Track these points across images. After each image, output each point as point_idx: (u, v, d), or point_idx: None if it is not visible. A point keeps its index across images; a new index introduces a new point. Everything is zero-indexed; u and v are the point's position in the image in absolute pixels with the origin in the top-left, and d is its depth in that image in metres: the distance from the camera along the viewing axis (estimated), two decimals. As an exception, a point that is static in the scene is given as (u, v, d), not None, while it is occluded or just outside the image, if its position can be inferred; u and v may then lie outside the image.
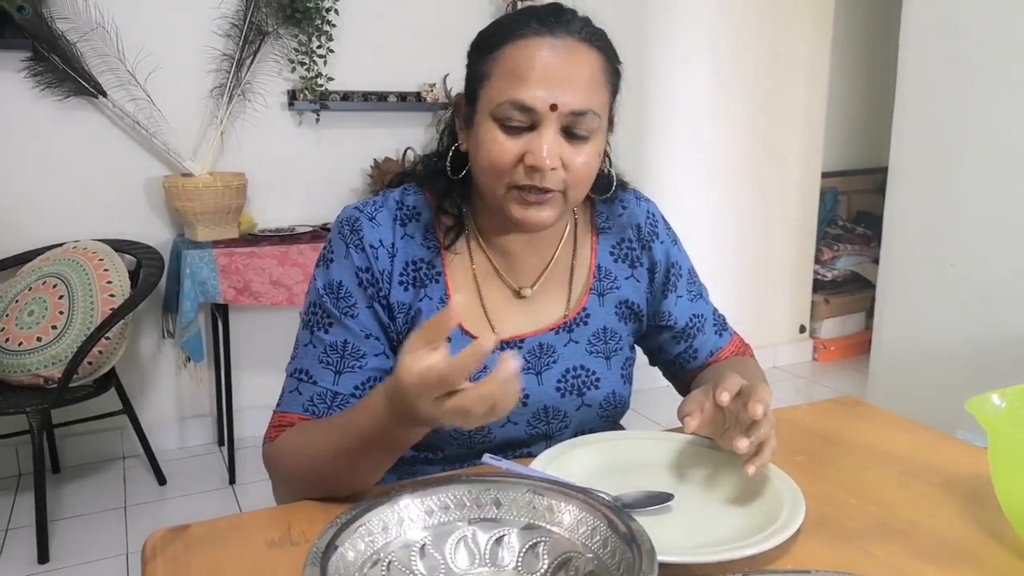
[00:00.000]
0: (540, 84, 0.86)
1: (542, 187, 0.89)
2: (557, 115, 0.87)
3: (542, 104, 0.86)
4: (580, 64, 0.89)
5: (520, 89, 0.87)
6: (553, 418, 1.01)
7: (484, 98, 0.91)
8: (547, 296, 1.03)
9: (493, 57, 0.90)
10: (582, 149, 0.90)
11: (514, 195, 0.90)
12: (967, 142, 2.12)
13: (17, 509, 2.47)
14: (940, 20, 2.16)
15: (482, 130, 0.90)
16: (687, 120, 3.42)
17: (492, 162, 0.89)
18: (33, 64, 2.51)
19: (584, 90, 0.88)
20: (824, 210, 4.04)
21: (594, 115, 0.89)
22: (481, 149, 0.90)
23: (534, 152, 0.87)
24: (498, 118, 0.89)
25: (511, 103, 0.87)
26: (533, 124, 0.88)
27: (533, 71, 0.87)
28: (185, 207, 2.57)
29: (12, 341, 2.29)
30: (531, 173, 0.88)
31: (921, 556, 0.75)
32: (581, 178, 0.91)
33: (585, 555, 0.66)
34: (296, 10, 2.73)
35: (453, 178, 0.99)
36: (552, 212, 0.92)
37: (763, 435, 0.82)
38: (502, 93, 0.88)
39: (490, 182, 0.91)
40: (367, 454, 0.82)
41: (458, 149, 0.98)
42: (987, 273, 2.10)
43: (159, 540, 0.78)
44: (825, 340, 4.00)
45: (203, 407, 2.95)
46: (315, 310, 0.96)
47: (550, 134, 0.87)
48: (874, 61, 4.21)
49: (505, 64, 0.89)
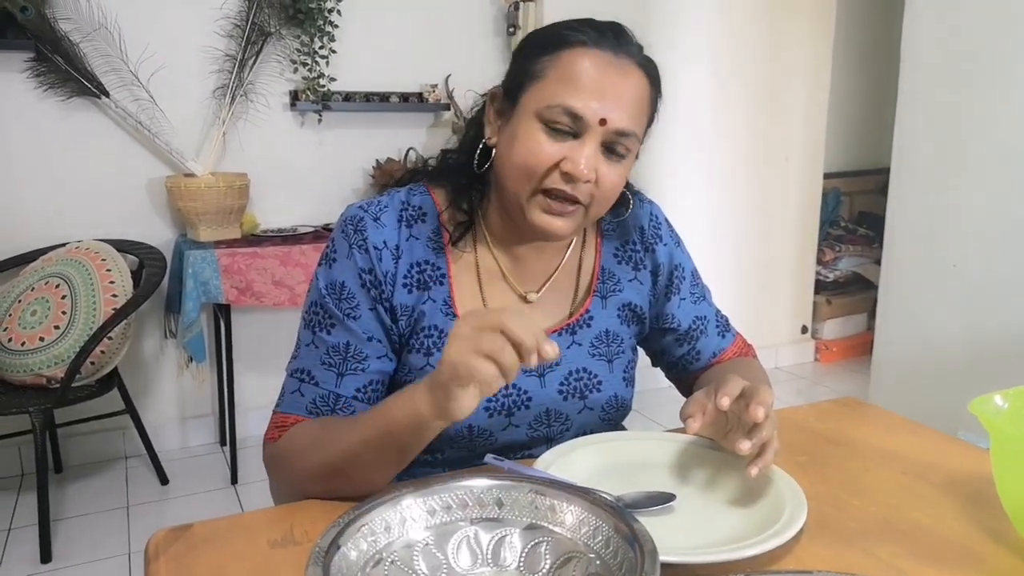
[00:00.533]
0: (594, 96, 0.87)
1: (571, 196, 0.89)
2: (603, 130, 0.88)
3: (592, 116, 0.87)
4: (633, 86, 0.90)
5: (574, 96, 0.87)
6: (555, 421, 1.01)
7: (532, 97, 0.90)
8: (551, 300, 1.03)
9: (550, 58, 0.90)
10: (615, 168, 0.91)
11: (539, 200, 0.90)
12: (969, 142, 2.12)
13: (20, 509, 2.47)
14: (942, 21, 2.16)
15: (522, 127, 0.90)
16: (689, 121, 3.42)
17: (528, 161, 0.89)
18: (36, 65, 2.52)
19: (632, 111, 0.90)
20: (826, 211, 4.04)
21: (635, 138, 0.91)
22: (518, 146, 0.90)
23: (573, 160, 0.88)
24: (545, 119, 0.89)
25: (563, 108, 0.87)
26: (577, 133, 0.88)
27: (590, 82, 0.88)
28: (187, 207, 2.58)
29: (15, 341, 2.29)
30: (565, 180, 0.88)
31: (923, 557, 0.75)
32: (607, 195, 0.92)
33: (587, 555, 0.66)
34: (298, 11, 2.73)
35: (475, 172, 0.98)
36: (572, 225, 0.92)
37: (765, 437, 0.82)
38: (555, 96, 0.88)
39: (519, 181, 0.91)
40: (387, 449, 0.82)
41: (485, 144, 0.97)
42: (989, 273, 2.10)
43: (162, 540, 0.78)
44: (827, 341, 4.00)
45: (205, 407, 2.96)
46: (317, 310, 0.96)
47: (591, 146, 0.88)
48: (876, 62, 4.21)
49: (562, 68, 0.89)
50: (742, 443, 0.82)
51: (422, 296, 0.97)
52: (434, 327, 0.96)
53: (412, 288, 0.97)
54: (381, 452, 0.83)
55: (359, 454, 0.83)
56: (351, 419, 0.89)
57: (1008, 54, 2.01)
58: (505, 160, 0.93)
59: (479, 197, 1.00)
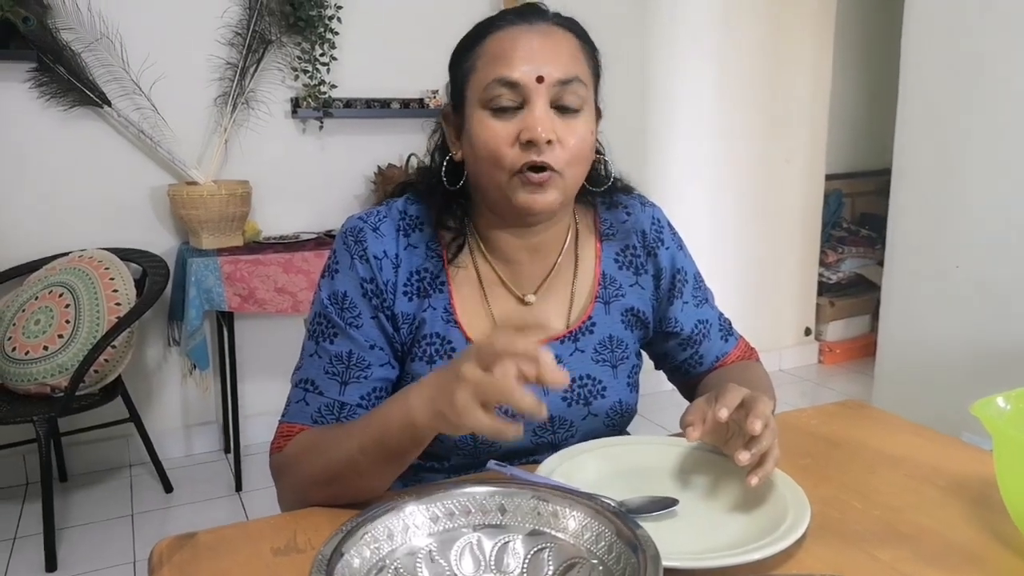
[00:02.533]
0: (523, 60, 0.89)
1: (541, 162, 0.88)
2: (545, 87, 0.88)
3: (528, 78, 0.88)
4: (559, 40, 0.92)
5: (505, 67, 0.89)
6: (559, 427, 1.01)
7: (472, 91, 0.92)
8: (550, 304, 1.03)
9: (475, 51, 0.93)
10: (574, 124, 0.91)
11: (517, 181, 0.90)
12: (970, 143, 2.12)
13: (25, 517, 2.47)
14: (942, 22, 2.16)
15: (474, 123, 0.91)
16: (690, 124, 3.43)
17: (489, 148, 0.89)
18: (38, 74, 2.53)
19: (567, 61, 0.90)
20: (828, 212, 4.03)
21: (580, 83, 0.91)
22: (477, 142, 0.91)
23: (528, 126, 0.88)
24: (488, 103, 0.90)
25: (498, 81, 0.89)
26: (523, 102, 0.89)
27: (516, 51, 0.89)
28: (190, 215, 2.58)
29: (19, 350, 2.30)
30: (528, 149, 0.88)
31: (927, 560, 0.75)
32: (576, 154, 0.91)
33: (590, 561, 0.66)
34: (299, 18, 2.74)
35: (451, 189, 0.98)
36: (555, 195, 0.91)
37: (764, 447, 0.82)
38: (488, 75, 0.90)
39: (491, 172, 0.91)
40: (384, 456, 0.82)
41: (452, 160, 0.98)
42: (992, 274, 2.09)
43: (166, 548, 0.79)
44: (830, 343, 3.99)
45: (209, 414, 2.96)
46: (320, 320, 0.96)
47: (540, 106, 0.88)
48: (877, 63, 4.21)
49: (488, 52, 0.91)
50: (741, 454, 0.82)
51: (422, 304, 0.97)
52: (435, 335, 0.97)
53: (412, 296, 0.97)
54: (378, 458, 0.83)
55: (357, 461, 0.84)
56: (349, 426, 0.90)
57: (1008, 55, 2.01)
58: (473, 160, 0.94)
59: (464, 211, 1.01)
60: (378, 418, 0.83)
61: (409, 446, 0.82)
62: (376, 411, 0.85)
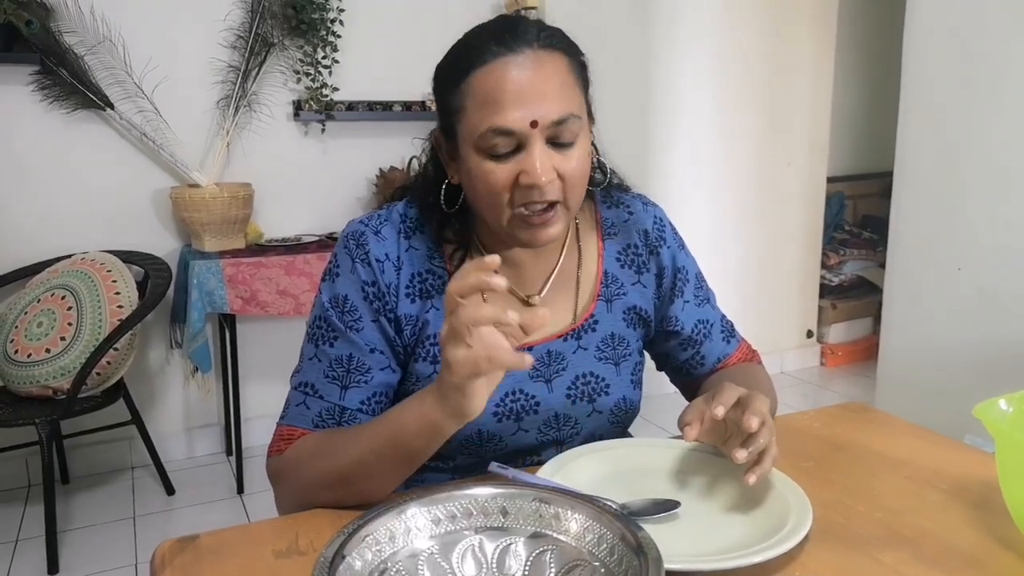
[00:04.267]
0: (515, 105, 0.85)
1: (543, 201, 0.88)
2: (539, 130, 0.86)
3: (522, 124, 0.86)
4: (547, 73, 0.87)
5: (497, 116, 0.86)
6: (564, 425, 1.01)
7: (464, 131, 0.90)
8: (554, 303, 1.03)
9: (461, 89, 0.89)
10: (571, 155, 0.89)
11: (519, 219, 0.90)
12: (972, 145, 2.12)
13: (27, 520, 2.48)
14: (944, 24, 2.16)
15: (471, 163, 0.90)
16: (692, 126, 3.43)
17: (488, 192, 0.89)
18: (41, 77, 2.53)
19: (559, 98, 0.87)
20: (830, 215, 4.03)
21: (575, 119, 0.89)
22: (476, 183, 0.90)
23: (528, 171, 0.86)
24: (483, 148, 0.88)
25: (492, 131, 0.86)
26: (519, 145, 0.87)
27: (505, 94, 0.86)
28: (192, 218, 2.59)
29: (21, 353, 2.30)
30: (529, 192, 0.88)
31: (929, 563, 0.75)
32: (576, 182, 0.91)
33: (592, 563, 0.66)
34: (301, 21, 2.74)
35: (449, 211, 0.98)
36: (559, 225, 0.91)
37: (761, 445, 0.82)
38: (481, 123, 0.87)
39: (492, 212, 0.91)
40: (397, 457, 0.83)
41: (450, 183, 0.98)
42: (994, 276, 2.09)
43: (168, 550, 0.79)
44: (832, 345, 3.99)
45: (211, 417, 2.96)
46: (320, 324, 0.96)
47: (538, 150, 0.87)
48: (878, 65, 4.21)
49: (476, 94, 0.88)
50: (738, 452, 0.82)
51: (425, 305, 0.97)
52: (439, 335, 0.97)
53: (415, 298, 0.97)
54: (391, 460, 0.84)
55: (368, 463, 0.84)
56: (358, 428, 0.90)
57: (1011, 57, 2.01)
58: (472, 196, 0.94)
59: (464, 221, 1.00)
60: (393, 420, 0.84)
61: (426, 446, 0.82)
62: (389, 414, 0.86)
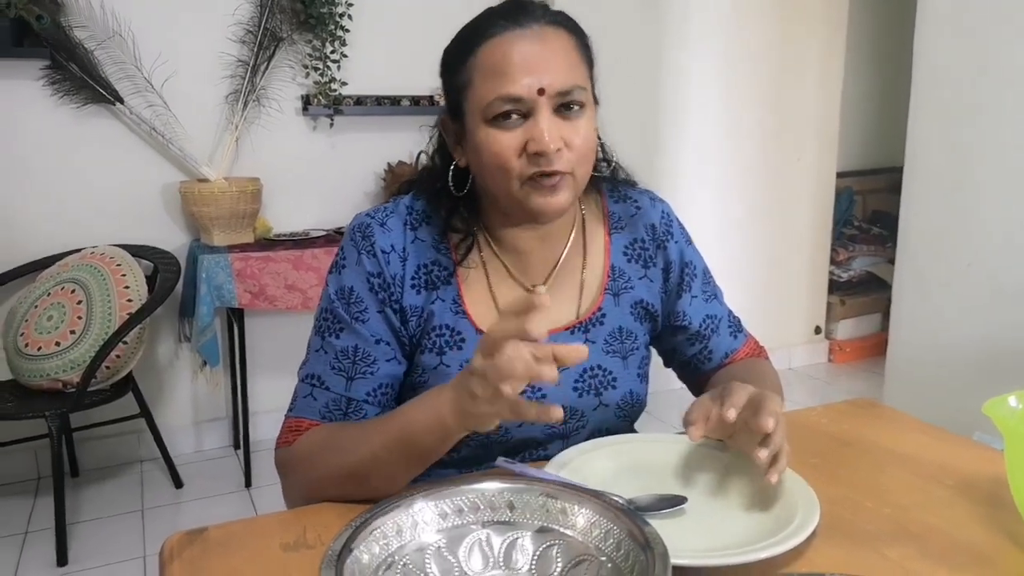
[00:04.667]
0: (523, 73, 0.88)
1: (552, 171, 0.89)
2: (547, 98, 0.88)
3: (529, 91, 0.87)
4: (554, 45, 0.90)
5: (505, 83, 0.88)
6: (570, 418, 1.01)
7: (472, 105, 0.91)
8: (559, 294, 1.03)
9: (469, 63, 0.91)
10: (578, 125, 0.91)
11: (528, 188, 0.91)
12: (983, 140, 2.10)
13: (36, 512, 2.49)
14: (955, 18, 2.15)
15: (479, 136, 0.91)
16: (701, 122, 3.42)
17: (498, 161, 0.90)
18: (51, 72, 2.54)
19: (565, 68, 0.90)
20: (839, 210, 4.01)
21: (580, 89, 0.90)
22: (483, 154, 0.91)
23: (536, 138, 0.88)
24: (491, 118, 0.89)
25: (500, 98, 0.88)
26: (527, 113, 0.89)
27: (513, 63, 0.88)
28: (201, 212, 2.59)
29: (31, 346, 2.31)
30: (537, 160, 0.89)
31: (937, 559, 0.75)
32: (584, 154, 0.92)
33: (599, 558, 0.66)
34: (310, 16, 2.74)
35: (457, 195, 0.99)
36: (567, 195, 0.92)
37: (779, 445, 0.82)
38: (489, 92, 0.89)
39: (501, 183, 0.92)
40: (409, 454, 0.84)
41: (457, 166, 0.99)
42: (1004, 272, 2.08)
43: (176, 543, 0.79)
44: (841, 341, 3.97)
45: (219, 411, 2.97)
46: (326, 316, 0.97)
47: (545, 117, 0.88)
48: (888, 59, 4.19)
49: (483, 65, 0.90)
50: (760, 452, 0.81)
51: (431, 296, 0.98)
52: (445, 326, 0.98)
53: (420, 289, 0.98)
54: (403, 457, 0.84)
55: (380, 458, 0.85)
56: (370, 423, 0.91)
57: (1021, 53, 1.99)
58: (481, 171, 0.94)
59: (470, 209, 1.01)
60: (404, 417, 0.85)
61: (437, 445, 0.83)
62: (401, 411, 0.86)
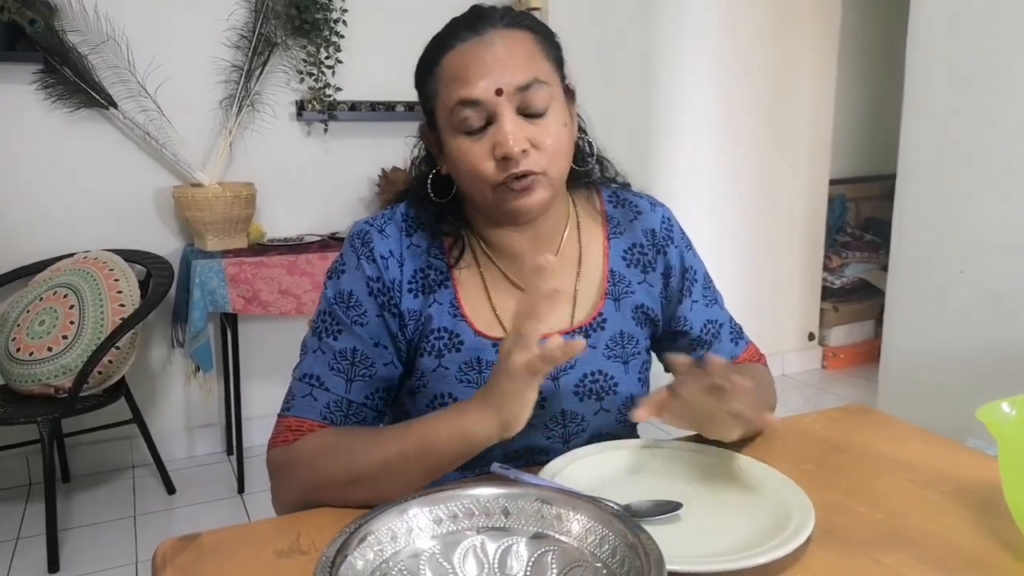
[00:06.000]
0: (479, 76, 0.89)
1: (521, 172, 0.90)
2: (506, 98, 0.89)
3: (486, 93, 0.89)
4: (511, 46, 0.91)
5: (463, 88, 0.89)
6: (570, 422, 1.01)
7: (440, 115, 0.94)
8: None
9: (434, 74, 0.94)
10: (545, 124, 0.91)
11: (501, 192, 0.92)
12: (976, 148, 2.11)
13: (27, 518, 2.48)
14: (948, 26, 2.16)
15: (451, 146, 0.93)
16: (694, 128, 3.43)
17: (468, 169, 0.92)
18: (45, 76, 2.54)
19: (522, 66, 0.90)
20: (832, 217, 4.03)
21: (540, 83, 0.91)
22: (458, 163, 0.93)
23: (500, 142, 0.89)
24: (456, 125, 0.91)
25: (460, 103, 0.90)
26: (490, 118, 0.90)
27: (470, 69, 0.90)
28: (194, 217, 2.59)
29: (23, 351, 2.30)
30: (506, 164, 0.90)
31: (931, 565, 0.75)
32: (555, 153, 0.92)
33: (594, 564, 0.66)
34: (304, 21, 2.75)
35: (440, 201, 1.01)
36: (543, 193, 0.93)
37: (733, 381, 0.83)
38: (450, 99, 0.91)
39: (476, 189, 0.93)
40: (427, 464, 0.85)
41: (438, 174, 1.00)
42: (997, 279, 2.09)
43: (169, 549, 0.79)
44: (834, 348, 3.98)
45: (212, 416, 2.96)
46: (325, 318, 0.97)
47: (508, 120, 0.89)
48: (881, 66, 4.21)
49: (446, 75, 0.92)
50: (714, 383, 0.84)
51: (428, 300, 0.98)
52: (443, 329, 0.98)
53: (418, 293, 0.98)
54: (419, 465, 0.85)
55: (394, 466, 0.85)
56: (385, 431, 0.91)
57: (1015, 60, 2.01)
58: (459, 179, 0.96)
59: (459, 213, 1.02)
60: (424, 426, 0.86)
61: (457, 456, 0.84)
62: (420, 422, 0.87)
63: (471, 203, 1.00)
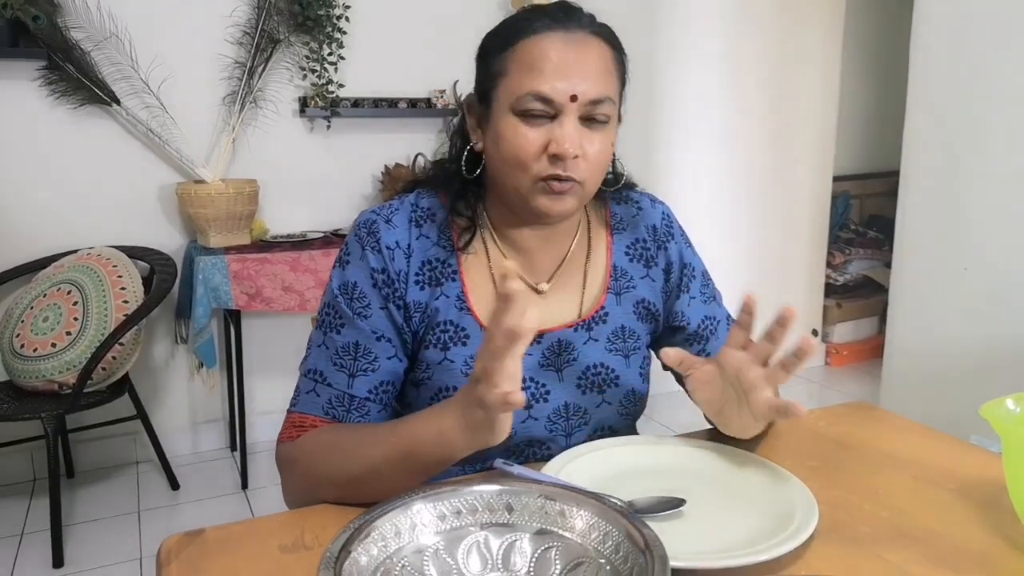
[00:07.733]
0: (558, 76, 0.89)
1: (566, 176, 0.91)
2: (576, 105, 0.90)
3: (562, 95, 0.89)
4: (593, 55, 0.92)
5: (540, 81, 0.89)
6: (573, 415, 1.02)
7: (502, 94, 0.93)
8: (562, 292, 1.04)
9: (508, 54, 0.93)
10: (598, 136, 0.92)
11: (540, 187, 0.92)
12: (979, 144, 2.11)
13: (32, 514, 2.49)
14: (952, 23, 2.16)
15: (502, 124, 0.92)
16: (698, 125, 3.42)
17: (517, 154, 0.91)
18: (48, 73, 2.54)
19: (599, 79, 0.91)
20: (836, 214, 4.02)
21: (610, 102, 0.92)
22: (503, 143, 0.92)
23: (558, 141, 0.89)
24: (519, 111, 0.91)
25: (532, 95, 0.90)
26: (554, 114, 0.90)
27: (550, 63, 0.90)
28: (198, 214, 2.59)
29: (27, 347, 2.31)
30: (555, 162, 0.90)
31: (935, 562, 0.75)
32: (598, 165, 0.94)
33: (597, 560, 0.66)
34: (307, 18, 2.74)
35: (468, 178, 1.00)
36: (573, 202, 0.94)
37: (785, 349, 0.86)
38: (522, 86, 0.90)
39: (515, 175, 0.93)
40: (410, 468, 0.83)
41: (472, 149, 1.00)
42: (1001, 276, 2.08)
43: (174, 545, 0.79)
44: (838, 344, 3.98)
45: (216, 412, 2.97)
46: (329, 311, 0.98)
47: (571, 123, 0.90)
48: (886, 64, 4.20)
49: (521, 59, 0.91)
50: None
51: (435, 292, 0.98)
52: (449, 322, 0.98)
53: (424, 285, 0.98)
54: (403, 469, 0.84)
55: (379, 468, 0.85)
56: (373, 430, 0.90)
57: (1019, 56, 2.00)
58: (496, 160, 0.95)
59: (478, 199, 1.02)
60: (407, 431, 0.85)
61: (440, 461, 0.83)
62: (404, 423, 0.86)
63: (496, 188, 0.99)
